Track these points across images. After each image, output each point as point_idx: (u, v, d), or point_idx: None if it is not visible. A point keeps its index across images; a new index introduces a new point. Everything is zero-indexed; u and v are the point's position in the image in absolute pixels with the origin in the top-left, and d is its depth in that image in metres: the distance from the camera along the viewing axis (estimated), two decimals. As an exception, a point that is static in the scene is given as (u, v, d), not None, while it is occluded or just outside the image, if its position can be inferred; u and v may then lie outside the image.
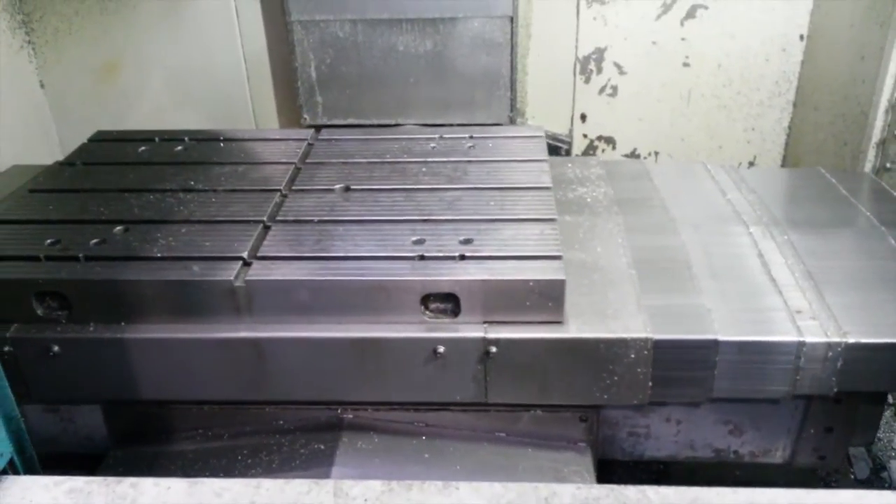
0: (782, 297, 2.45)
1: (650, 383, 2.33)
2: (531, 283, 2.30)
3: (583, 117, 4.71)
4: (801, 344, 2.28)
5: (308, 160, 3.03)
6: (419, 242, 2.47)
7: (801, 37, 4.36)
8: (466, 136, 3.20)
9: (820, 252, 2.70)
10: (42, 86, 4.52)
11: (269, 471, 2.43)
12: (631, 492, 1.79)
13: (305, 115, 4.29)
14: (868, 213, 2.93)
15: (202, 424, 2.63)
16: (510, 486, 1.82)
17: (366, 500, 1.79)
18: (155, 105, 4.59)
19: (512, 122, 4.19)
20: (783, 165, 4.65)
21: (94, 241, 2.52)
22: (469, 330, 2.33)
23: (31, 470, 2.05)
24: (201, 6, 4.37)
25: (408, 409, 2.57)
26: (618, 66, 4.56)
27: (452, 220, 2.60)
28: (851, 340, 2.28)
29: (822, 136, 4.14)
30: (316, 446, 2.51)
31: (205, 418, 2.62)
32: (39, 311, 2.41)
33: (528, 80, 4.60)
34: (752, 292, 2.50)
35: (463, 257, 2.40)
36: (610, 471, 2.85)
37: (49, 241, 2.53)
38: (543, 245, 2.44)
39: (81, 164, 3.06)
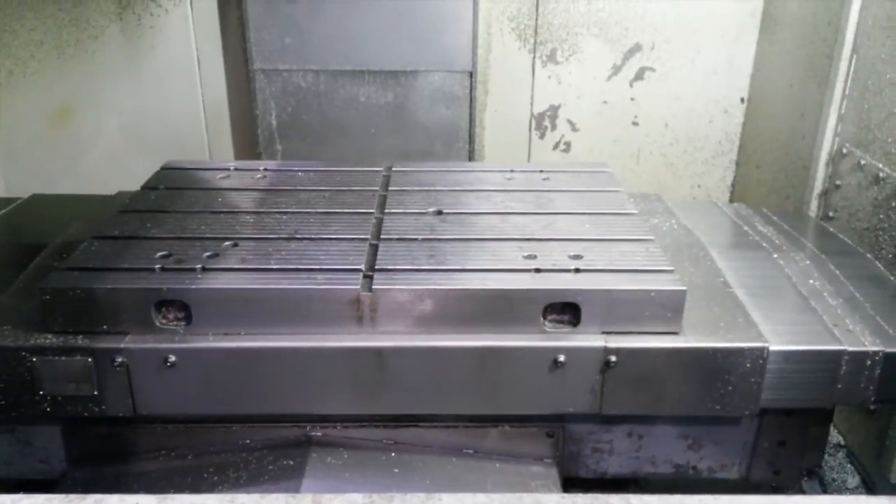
0: (818, 312, 2.63)
1: (762, 394, 2.43)
2: (653, 294, 2.38)
3: (538, 172, 4.91)
4: (843, 352, 2.43)
5: (390, 188, 3.07)
6: (530, 257, 2.53)
7: (742, 99, 4.73)
8: (537, 170, 3.30)
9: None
10: (-8, 127, 4.46)
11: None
12: (615, 500, 1.81)
13: (264, 164, 4.32)
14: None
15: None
16: (494, 496, 1.82)
17: None
18: (108, 151, 4.58)
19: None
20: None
21: (207, 254, 2.51)
22: (590, 340, 2.39)
23: (-17, 490, 1.93)
24: (163, 54, 4.41)
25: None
26: (571, 123, 4.81)
27: (556, 238, 2.68)
28: (890, 350, 2.45)
29: (765, 191, 4.41)
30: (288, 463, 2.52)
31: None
32: (157, 322, 2.37)
33: (486, 134, 4.79)
34: (791, 307, 2.68)
35: (578, 270, 2.47)
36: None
37: (160, 254, 2.50)
38: (653, 260, 2.54)
39: (164, 188, 3.03)
